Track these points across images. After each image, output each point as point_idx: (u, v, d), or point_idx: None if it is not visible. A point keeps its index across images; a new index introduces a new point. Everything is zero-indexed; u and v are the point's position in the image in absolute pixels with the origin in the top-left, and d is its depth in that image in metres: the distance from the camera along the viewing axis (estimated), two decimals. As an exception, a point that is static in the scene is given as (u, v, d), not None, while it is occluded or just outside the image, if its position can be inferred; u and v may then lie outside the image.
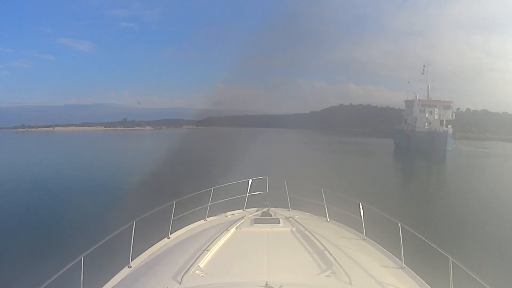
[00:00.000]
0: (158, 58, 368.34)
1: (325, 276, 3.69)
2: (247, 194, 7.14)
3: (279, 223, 5.35)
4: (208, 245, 4.34)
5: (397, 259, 4.70)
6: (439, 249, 4.11)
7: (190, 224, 6.16)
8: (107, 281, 4.33)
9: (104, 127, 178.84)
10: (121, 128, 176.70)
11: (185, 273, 3.70)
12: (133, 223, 5.00)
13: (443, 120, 64.00)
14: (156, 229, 5.72)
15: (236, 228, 5.08)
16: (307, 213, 6.71)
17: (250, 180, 7.44)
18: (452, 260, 3.83)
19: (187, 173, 30.39)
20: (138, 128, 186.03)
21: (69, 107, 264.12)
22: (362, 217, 5.62)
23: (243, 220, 5.48)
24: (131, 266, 4.69)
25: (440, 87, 73.57)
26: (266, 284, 3.26)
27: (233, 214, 6.45)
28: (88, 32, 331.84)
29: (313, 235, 4.68)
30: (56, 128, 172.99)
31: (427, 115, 65.83)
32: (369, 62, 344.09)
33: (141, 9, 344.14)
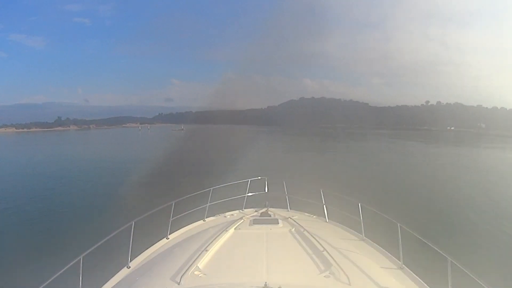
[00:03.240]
0: (112, 54, 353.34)
1: (324, 276, 3.70)
2: (246, 194, 7.15)
3: (278, 223, 5.35)
4: (207, 246, 4.34)
5: (396, 259, 4.71)
6: (438, 250, 4.12)
7: (189, 224, 6.17)
8: (106, 282, 4.33)
9: (16, 128, 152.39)
10: (36, 130, 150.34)
11: (184, 273, 3.70)
12: (132, 223, 5.01)
13: None
14: (155, 230, 5.72)
15: (235, 228, 5.08)
16: (306, 214, 6.71)
17: (249, 181, 7.45)
18: (450, 261, 3.84)
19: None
20: (60, 128, 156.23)
21: (19, 106, 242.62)
22: (361, 218, 5.63)
23: (242, 220, 5.48)
24: (130, 267, 4.70)
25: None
26: (265, 285, 3.26)
27: (232, 214, 6.46)
28: (41, 27, 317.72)
29: (312, 236, 4.68)
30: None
31: None
32: (324, 55, 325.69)
33: (94, 3, 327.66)
